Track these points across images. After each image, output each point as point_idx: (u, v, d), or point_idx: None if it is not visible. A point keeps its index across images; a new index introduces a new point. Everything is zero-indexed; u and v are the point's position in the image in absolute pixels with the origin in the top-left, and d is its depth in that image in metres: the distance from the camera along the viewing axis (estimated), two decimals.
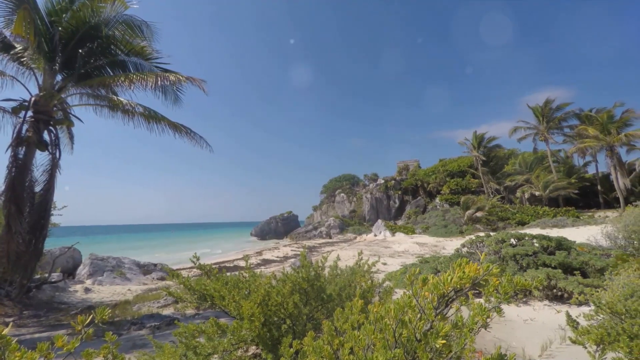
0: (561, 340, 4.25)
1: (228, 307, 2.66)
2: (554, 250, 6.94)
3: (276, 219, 50.42)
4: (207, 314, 6.02)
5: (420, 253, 18.75)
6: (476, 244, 8.40)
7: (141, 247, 37.34)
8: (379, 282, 5.03)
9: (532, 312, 5.59)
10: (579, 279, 5.75)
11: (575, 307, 5.48)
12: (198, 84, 7.21)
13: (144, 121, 7.83)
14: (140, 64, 8.56)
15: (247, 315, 2.13)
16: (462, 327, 1.30)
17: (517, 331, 4.87)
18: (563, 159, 36.30)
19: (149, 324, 5.68)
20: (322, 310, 3.38)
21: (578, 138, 30.81)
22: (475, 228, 27.71)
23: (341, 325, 1.72)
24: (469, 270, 1.14)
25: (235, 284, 2.97)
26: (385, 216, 41.67)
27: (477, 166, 37.07)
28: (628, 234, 8.80)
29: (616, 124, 28.06)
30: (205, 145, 8.34)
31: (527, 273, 6.23)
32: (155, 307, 7.32)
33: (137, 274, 13.58)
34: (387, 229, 33.04)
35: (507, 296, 1.22)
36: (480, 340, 4.34)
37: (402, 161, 50.16)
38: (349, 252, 19.60)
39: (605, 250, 7.89)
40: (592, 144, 28.05)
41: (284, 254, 24.39)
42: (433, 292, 1.13)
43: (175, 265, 18.75)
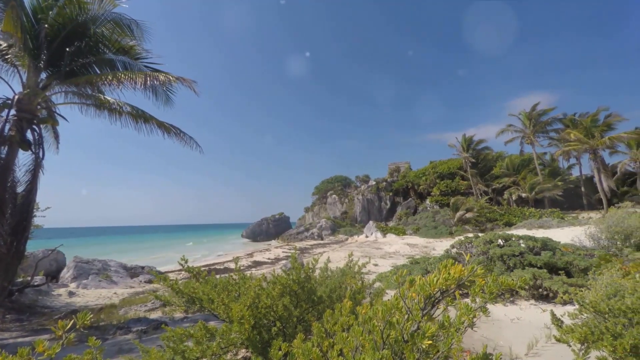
0: (547, 339, 4.35)
1: (217, 310, 2.63)
2: (540, 250, 7.11)
3: (267, 220, 50.14)
4: (196, 317, 5.92)
5: (411, 254, 18.92)
6: (465, 245, 8.53)
7: (129, 250, 36.54)
8: (370, 283, 5.05)
9: (519, 312, 5.71)
10: (563, 279, 5.90)
11: (560, 306, 5.62)
12: (189, 84, 7.11)
13: (131, 121, 7.68)
14: (129, 63, 8.40)
15: (237, 318, 2.10)
16: (449, 327, 1.31)
17: (505, 330, 4.96)
18: (548, 162, 37.27)
19: (135, 328, 5.55)
20: (312, 312, 3.37)
21: (563, 141, 31.71)
22: (464, 229, 28.15)
23: (331, 327, 1.72)
24: (454, 271, 1.16)
25: (225, 287, 2.93)
26: (376, 217, 41.92)
27: (466, 168, 37.72)
28: (611, 235, 9.09)
29: (600, 128, 28.99)
30: (195, 145, 8.23)
31: (514, 273, 6.36)
32: (142, 311, 7.16)
33: (124, 277, 13.28)
34: (378, 230, 33.24)
35: (492, 296, 1.24)
36: (468, 340, 4.40)
37: (394, 163, 50.62)
38: (340, 254, 19.63)
39: (589, 251, 8.12)
40: (576, 147, 28.90)
41: (275, 256, 24.25)
42: (420, 294, 1.14)
43: (163, 268, 18.41)
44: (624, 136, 27.09)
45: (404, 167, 49.00)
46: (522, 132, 35.30)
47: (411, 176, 44.04)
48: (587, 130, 28.95)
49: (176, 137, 7.94)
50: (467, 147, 38.46)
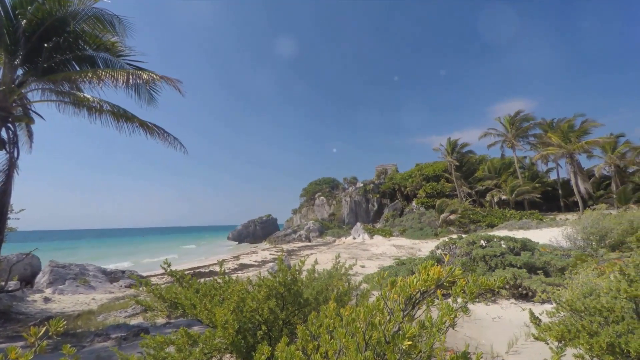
0: (526, 337, 4.48)
1: (200, 316, 2.57)
2: (520, 251, 7.34)
3: (255, 222, 49.59)
4: (179, 322, 5.77)
5: (398, 255, 19.15)
6: (449, 246, 8.71)
7: (109, 253, 35.27)
8: (357, 285, 5.08)
9: (500, 311, 5.87)
10: (542, 278, 6.12)
11: (539, 305, 5.82)
12: (173, 84, 6.96)
13: (112, 120, 7.43)
14: (110, 60, 8.14)
15: (220, 323, 2.06)
16: (431, 328, 1.34)
17: (486, 329, 5.08)
18: (528, 165, 38.63)
19: (115, 334, 5.35)
20: (299, 314, 3.36)
21: (541, 146, 32.98)
22: (449, 230, 28.75)
23: (316, 330, 1.72)
24: (433, 272, 1.18)
25: (208, 291, 2.88)
26: (364, 219, 42.22)
27: (450, 171, 38.61)
28: (586, 236, 9.51)
29: (576, 133, 30.31)
30: (179, 146, 8.05)
31: (495, 273, 6.54)
32: (122, 317, 6.92)
33: (103, 282, 12.80)
34: (365, 232, 33.48)
35: (472, 296, 1.28)
36: (452, 339, 4.48)
37: (381, 165, 51.20)
38: (328, 255, 19.65)
39: (566, 251, 8.46)
40: (554, 151, 30.12)
41: (262, 258, 24.00)
42: (401, 295, 1.16)
43: (146, 272, 17.87)
44: (599, 141, 28.48)
45: (391, 169, 49.65)
46: (504, 136, 36.50)
47: (398, 178, 44.66)
48: (564, 135, 30.22)
49: (159, 137, 7.74)
50: (452, 150, 39.38)
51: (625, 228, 8.82)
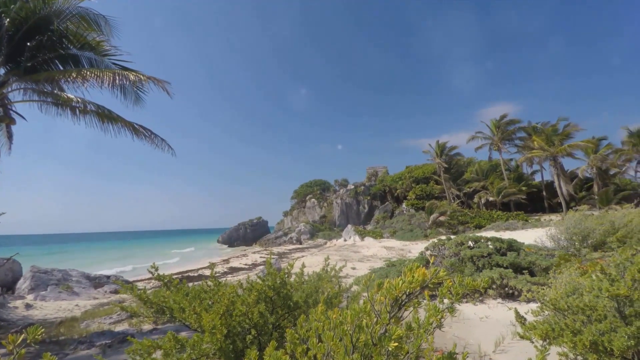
0: (512, 336, 4.58)
1: (188, 320, 2.53)
2: (506, 251, 7.51)
3: (245, 225, 49.16)
4: (166, 328, 5.65)
5: (388, 257, 19.29)
6: (439, 247, 8.82)
7: (93, 258, 34.30)
8: (347, 287, 5.08)
9: (488, 310, 5.98)
10: (527, 278, 6.26)
11: (524, 304, 5.95)
12: (161, 85, 6.85)
13: (97, 120, 7.26)
14: (95, 59, 7.96)
15: (208, 328, 2.03)
16: (419, 329, 1.35)
17: (474, 329, 5.17)
18: (514, 168, 39.60)
19: (99, 342, 5.20)
20: (289, 318, 3.34)
21: (526, 149, 33.91)
22: (438, 232, 29.15)
23: (304, 333, 1.71)
24: (418, 274, 1.20)
25: (197, 295, 2.83)
26: (355, 221, 42.38)
27: (439, 173, 39.21)
28: (569, 236, 9.79)
29: (559, 136, 31.29)
30: (167, 148, 7.92)
31: (482, 273, 6.66)
32: (107, 324, 6.73)
33: (87, 288, 12.43)
34: (356, 233, 33.61)
35: (458, 297, 1.30)
36: (440, 340, 4.54)
37: (372, 167, 51.60)
38: (318, 258, 19.61)
39: (550, 251, 8.68)
40: (538, 154, 31.00)
41: (252, 261, 23.78)
42: (387, 297, 1.17)
43: (133, 277, 17.47)
44: (580, 144, 29.50)
45: (382, 171, 50.09)
46: (491, 140, 37.37)
47: (388, 180, 45.07)
48: (548, 138, 31.15)
49: (146, 138, 7.60)
50: (441, 153, 40.02)
51: (606, 228, 9.11)
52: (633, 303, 2.73)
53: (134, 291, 2.80)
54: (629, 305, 2.77)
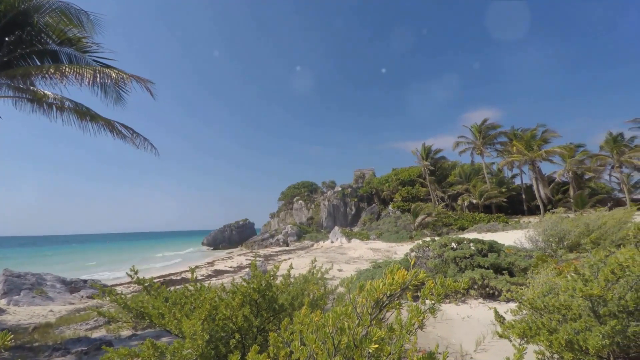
0: (493, 335, 4.69)
1: (168, 326, 2.46)
2: (487, 252, 7.72)
3: (231, 227, 48.40)
4: (146, 334, 5.47)
5: (374, 258, 19.44)
6: (423, 249, 8.97)
7: (70, 261, 32.86)
8: (333, 289, 5.08)
9: (469, 310, 6.12)
10: (507, 278, 6.46)
11: (504, 304, 6.13)
12: (144, 83, 6.66)
13: (75, 118, 6.98)
14: (75, 56, 7.68)
15: (189, 334, 1.98)
16: (401, 329, 1.37)
17: (457, 329, 5.27)
18: (495, 171, 40.88)
19: (75, 349, 4.98)
20: (274, 321, 3.30)
21: (507, 153, 35.12)
22: (423, 233, 29.65)
23: (288, 336, 1.70)
24: (398, 276, 1.22)
25: (178, 300, 2.76)
26: (342, 223, 42.53)
27: (425, 176, 39.98)
28: (546, 237, 10.16)
29: (538, 142, 32.62)
30: (150, 148, 7.70)
31: (465, 274, 6.82)
32: (83, 330, 6.46)
33: (62, 293, 11.89)
34: (343, 235, 33.74)
35: (439, 298, 1.32)
36: (424, 340, 4.61)
37: (359, 169, 52.00)
38: (305, 260, 19.56)
39: (529, 252, 8.99)
40: (518, 158, 32.17)
41: (237, 264, 23.42)
42: (368, 299, 1.18)
43: (112, 281, 16.87)
44: (557, 150, 30.87)
45: (369, 173, 50.55)
46: (473, 144, 38.49)
47: (375, 183, 45.54)
48: (527, 143, 32.39)
49: (128, 138, 7.37)
50: (427, 156, 40.82)
51: (581, 230, 9.51)
52: (607, 303, 2.85)
53: (111, 296, 2.70)
54: (602, 305, 2.88)
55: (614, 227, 9.00)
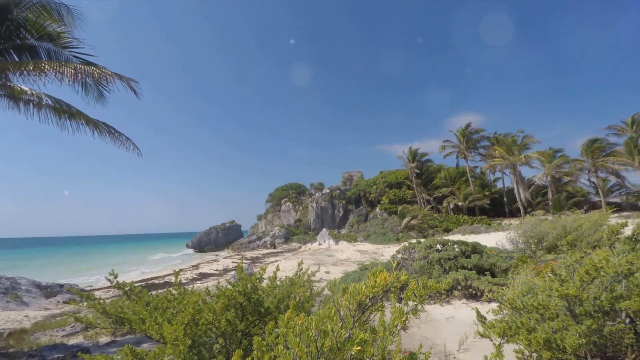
0: (475, 335, 4.80)
1: (150, 331, 2.39)
2: (470, 254, 7.91)
3: (217, 229, 47.54)
4: (126, 340, 5.29)
5: (361, 260, 19.57)
6: (409, 251, 9.10)
7: (47, 264, 31.47)
8: (319, 291, 5.08)
9: (453, 311, 6.24)
10: (488, 279, 6.63)
11: (486, 304, 6.29)
12: (127, 82, 6.46)
13: (53, 115, 6.69)
14: (55, 51, 7.40)
15: (170, 340, 1.93)
16: (384, 331, 1.38)
17: (441, 329, 5.37)
18: (479, 175, 42.01)
19: (50, 356, 4.76)
20: (259, 324, 3.27)
21: (490, 157, 36.21)
22: (409, 235, 30.09)
23: (273, 340, 1.68)
24: (380, 279, 1.23)
25: (160, 304, 2.68)
26: (330, 225, 42.59)
27: (411, 178, 40.65)
28: (526, 239, 10.51)
29: (518, 147, 33.80)
30: (132, 147, 7.47)
31: (449, 275, 6.95)
32: (59, 336, 6.19)
33: (38, 297, 11.38)
34: (331, 237, 33.79)
35: (422, 299, 1.35)
36: (409, 340, 4.66)
37: (347, 172, 52.30)
38: (292, 262, 19.47)
39: (510, 253, 9.27)
40: (500, 162, 33.24)
41: (223, 267, 23.05)
42: (351, 301, 1.19)
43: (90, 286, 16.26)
44: (536, 155, 32.14)
45: (357, 176, 50.93)
46: (458, 148, 39.48)
47: (363, 185, 45.92)
48: (508, 148, 33.52)
49: (109, 136, 7.13)
50: (413, 159, 41.52)
51: (559, 232, 9.87)
52: (583, 303, 2.96)
53: (89, 301, 2.60)
54: (579, 304, 2.98)
55: (590, 229, 9.38)
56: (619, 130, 30.80)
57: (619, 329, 2.81)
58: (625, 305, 2.70)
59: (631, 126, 29.79)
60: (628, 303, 2.68)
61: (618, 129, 30.90)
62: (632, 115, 30.00)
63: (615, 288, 2.94)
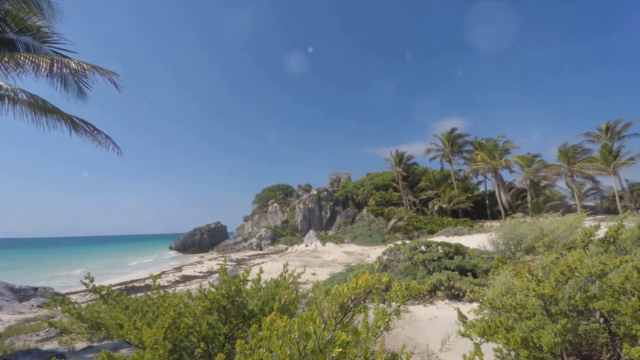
0: (457, 334, 4.91)
1: (128, 336, 2.31)
2: (453, 255, 8.10)
3: (201, 230, 46.65)
4: (103, 345, 5.09)
5: (348, 261, 19.65)
6: (395, 252, 9.22)
7: (21, 267, 29.94)
8: (305, 293, 5.06)
9: (436, 311, 6.36)
10: (470, 279, 6.80)
11: (468, 304, 6.45)
12: (107, 75, 6.22)
13: (28, 111, 6.39)
14: (34, 45, 7.11)
15: (149, 344, 1.88)
16: (367, 332, 1.39)
17: (424, 329, 5.46)
18: (462, 178, 43.09)
19: None
20: (243, 327, 3.22)
21: (472, 161, 37.25)
22: (395, 237, 30.48)
23: (256, 343, 1.66)
24: (362, 280, 1.24)
25: (139, 308, 2.60)
26: (317, 226, 42.58)
27: (398, 181, 41.25)
28: (506, 241, 10.84)
29: (499, 151, 34.94)
30: (112, 146, 7.21)
31: (433, 276, 7.09)
32: (33, 342, 5.89)
33: (11, 301, 10.80)
34: (318, 239, 33.79)
35: (404, 300, 1.37)
36: (393, 341, 4.71)
37: (335, 173, 52.45)
38: (278, 264, 19.33)
39: (490, 254, 9.54)
40: (482, 166, 34.24)
41: (208, 269, 22.62)
42: (333, 303, 1.19)
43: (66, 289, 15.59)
44: (512, 160, 33.40)
45: (344, 177, 51.16)
46: (443, 151, 40.41)
47: (350, 186, 46.18)
48: (490, 152, 34.59)
49: (88, 135, 6.86)
50: (399, 161, 42.16)
51: (537, 234, 10.24)
52: (558, 302, 3.07)
53: (63, 306, 2.48)
54: (554, 304, 3.10)
55: (566, 231, 9.78)
56: (594, 137, 32.35)
57: (594, 328, 2.93)
58: (599, 305, 2.81)
59: (605, 133, 31.33)
60: (602, 303, 2.79)
61: (593, 135, 32.45)
62: (606, 122, 31.56)
63: (589, 288, 3.07)
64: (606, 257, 3.04)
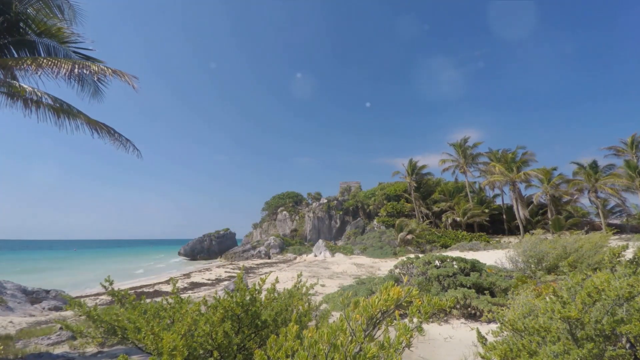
0: (474, 356, 4.69)
1: (144, 341, 2.31)
2: (469, 271, 7.83)
3: (210, 236, 46.84)
4: (114, 351, 5.11)
5: (358, 274, 19.31)
6: (407, 266, 9.01)
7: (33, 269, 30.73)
8: (316, 305, 4.98)
9: (452, 330, 6.12)
10: (488, 298, 6.54)
11: (485, 324, 6.18)
12: (127, 79, 6.42)
13: (52, 115, 6.66)
14: (54, 47, 7.42)
15: (167, 350, 1.87)
16: (389, 348, 1.34)
17: (439, 349, 5.24)
18: (477, 190, 42.06)
19: None
20: (255, 338, 3.18)
21: (489, 173, 36.35)
22: (407, 250, 29.86)
23: (274, 354, 1.63)
24: (393, 293, 1.21)
25: (156, 313, 2.61)
26: (326, 236, 42.25)
27: (410, 191, 40.59)
28: (526, 258, 10.40)
29: (517, 163, 33.96)
30: (132, 149, 7.42)
31: (448, 292, 6.86)
32: (44, 345, 5.99)
33: (23, 303, 11.07)
34: (327, 249, 33.48)
35: (427, 316, 1.32)
36: None
37: (345, 182, 52.20)
38: (287, 274, 19.18)
39: (509, 272, 9.17)
40: (499, 179, 33.32)
41: (216, 276, 22.66)
42: (363, 315, 1.16)
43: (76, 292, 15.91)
44: (532, 173, 32.31)
45: (355, 186, 50.82)
46: (457, 162, 39.63)
47: (361, 196, 45.80)
48: (508, 164, 33.70)
49: (109, 137, 7.08)
50: (412, 171, 41.50)
51: (559, 253, 9.76)
52: (584, 326, 2.91)
53: (83, 308, 2.52)
54: (580, 328, 2.94)
55: (590, 250, 9.31)
56: (619, 151, 31.09)
57: (620, 354, 2.76)
58: (626, 329, 2.66)
59: (631, 147, 30.09)
60: (629, 327, 2.64)
61: (618, 149, 31.20)
62: (631, 136, 30.32)
63: (617, 312, 2.90)
64: (634, 280, 2.87)
